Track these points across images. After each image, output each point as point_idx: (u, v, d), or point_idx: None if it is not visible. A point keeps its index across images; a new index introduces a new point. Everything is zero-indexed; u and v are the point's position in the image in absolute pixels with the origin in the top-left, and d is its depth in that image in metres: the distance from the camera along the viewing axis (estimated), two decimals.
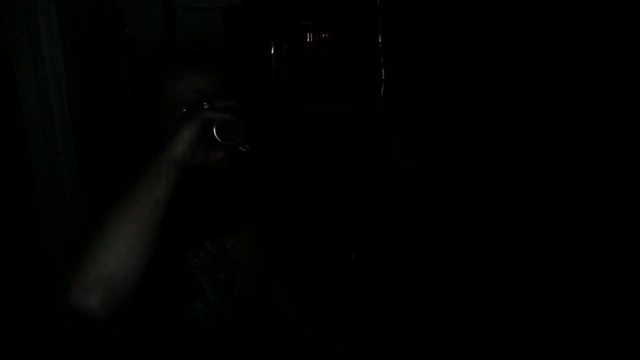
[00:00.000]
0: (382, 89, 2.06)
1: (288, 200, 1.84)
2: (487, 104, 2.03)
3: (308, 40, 2.15)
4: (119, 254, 0.67)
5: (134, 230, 0.68)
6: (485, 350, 1.53)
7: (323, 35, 2.16)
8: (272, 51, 2.09)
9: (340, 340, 1.09)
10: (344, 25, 2.16)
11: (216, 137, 0.79)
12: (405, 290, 1.81)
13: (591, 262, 1.60)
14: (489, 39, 2.07)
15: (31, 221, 1.37)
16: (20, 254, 1.34)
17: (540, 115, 1.92)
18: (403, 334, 1.57)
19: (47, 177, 1.35)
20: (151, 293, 0.88)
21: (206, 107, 0.82)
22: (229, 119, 0.79)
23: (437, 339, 1.58)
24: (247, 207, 1.06)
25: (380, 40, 2.05)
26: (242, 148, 0.83)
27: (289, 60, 2.13)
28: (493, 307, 1.69)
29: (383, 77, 2.06)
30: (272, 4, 2.10)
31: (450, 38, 2.12)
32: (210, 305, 0.93)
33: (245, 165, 1.07)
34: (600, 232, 1.60)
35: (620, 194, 1.57)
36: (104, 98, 1.51)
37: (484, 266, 1.81)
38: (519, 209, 1.85)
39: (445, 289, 1.79)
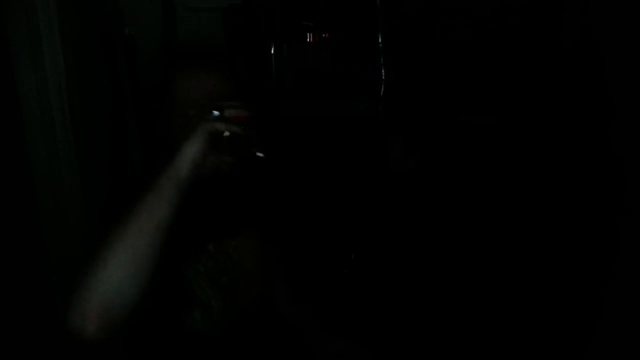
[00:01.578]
0: (382, 89, 2.06)
1: (288, 200, 1.84)
2: (487, 104, 2.03)
3: (308, 40, 2.15)
4: (117, 282, 0.66)
5: (133, 257, 0.66)
6: (485, 350, 1.53)
7: (323, 35, 2.16)
8: (272, 51, 2.10)
9: (340, 340, 1.09)
10: (344, 25, 2.17)
11: (226, 149, 0.75)
12: (405, 289, 1.81)
13: (590, 262, 1.60)
14: (488, 37, 2.07)
15: (31, 221, 1.37)
16: (20, 255, 1.34)
17: (540, 115, 1.92)
18: (403, 334, 1.57)
19: (47, 177, 1.35)
20: (150, 304, 0.87)
21: (216, 115, 0.76)
22: (239, 132, 0.74)
23: (437, 338, 1.58)
24: (248, 208, 1.05)
25: (380, 40, 2.05)
26: (256, 154, 0.78)
27: (289, 60, 2.13)
28: (493, 306, 1.69)
29: (383, 77, 2.06)
30: (272, 3, 2.11)
31: (449, 36, 2.12)
32: (209, 314, 0.93)
33: (248, 168, 1.07)
34: (600, 232, 1.60)
35: (620, 192, 1.57)
36: (104, 98, 1.51)
37: (483, 265, 1.81)
38: (519, 208, 1.85)
39: (445, 288, 1.79)
